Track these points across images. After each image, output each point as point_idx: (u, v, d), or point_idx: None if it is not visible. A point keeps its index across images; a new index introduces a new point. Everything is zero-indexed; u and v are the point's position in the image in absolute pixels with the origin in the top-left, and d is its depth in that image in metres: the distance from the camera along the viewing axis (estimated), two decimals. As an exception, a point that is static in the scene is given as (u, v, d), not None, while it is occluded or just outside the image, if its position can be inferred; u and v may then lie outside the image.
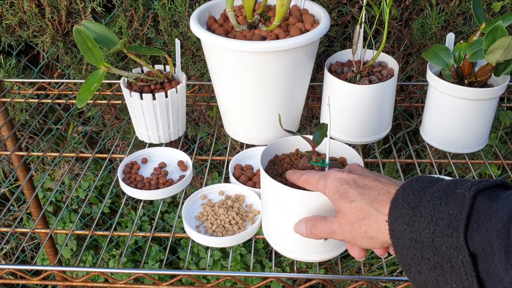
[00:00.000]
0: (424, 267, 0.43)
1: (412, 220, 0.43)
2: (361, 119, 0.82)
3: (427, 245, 0.42)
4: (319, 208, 0.57)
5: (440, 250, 0.41)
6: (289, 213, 0.59)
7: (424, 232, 0.42)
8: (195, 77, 1.17)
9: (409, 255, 0.44)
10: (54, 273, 0.70)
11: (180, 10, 1.06)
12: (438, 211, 0.41)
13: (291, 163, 0.66)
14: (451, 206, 0.41)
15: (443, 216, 0.41)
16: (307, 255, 0.63)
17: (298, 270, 1.59)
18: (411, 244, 0.43)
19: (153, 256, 1.58)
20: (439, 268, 0.41)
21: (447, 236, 0.40)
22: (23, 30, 1.11)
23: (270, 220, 0.64)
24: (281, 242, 0.64)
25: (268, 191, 0.61)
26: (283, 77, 0.77)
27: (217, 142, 1.37)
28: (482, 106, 0.78)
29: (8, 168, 1.50)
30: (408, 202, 0.44)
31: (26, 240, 1.39)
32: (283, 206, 0.59)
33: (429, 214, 0.42)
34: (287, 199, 0.58)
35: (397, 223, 0.44)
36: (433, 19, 1.03)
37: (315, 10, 0.84)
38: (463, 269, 0.40)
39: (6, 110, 1.05)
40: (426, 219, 0.42)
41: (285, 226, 0.61)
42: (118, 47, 0.77)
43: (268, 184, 0.60)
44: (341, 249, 0.65)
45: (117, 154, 0.92)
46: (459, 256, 0.40)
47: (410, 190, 0.45)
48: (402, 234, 0.44)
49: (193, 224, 0.71)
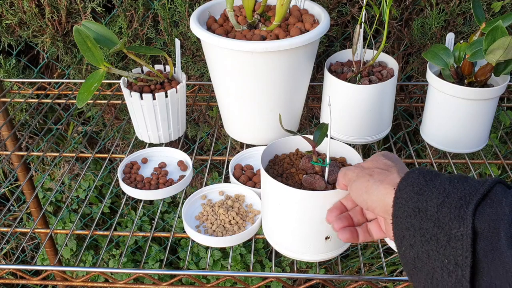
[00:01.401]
0: (418, 240, 0.43)
1: (423, 190, 0.43)
2: (361, 119, 0.82)
3: (430, 214, 0.42)
4: (320, 207, 0.57)
5: (442, 221, 0.41)
6: (289, 213, 0.59)
7: (431, 202, 0.42)
8: (195, 77, 1.17)
9: (405, 225, 0.44)
10: (54, 273, 0.70)
11: (180, 10, 1.06)
12: (453, 187, 0.42)
13: (291, 163, 0.66)
14: (469, 184, 0.41)
15: (457, 191, 0.41)
16: (307, 254, 0.63)
17: (298, 270, 1.59)
18: (413, 213, 0.43)
19: (153, 256, 1.58)
20: (434, 241, 0.41)
21: (455, 207, 0.40)
22: (23, 30, 1.11)
23: (271, 220, 0.64)
24: (281, 241, 0.64)
25: (268, 191, 0.61)
26: (283, 77, 0.77)
27: (217, 142, 1.37)
28: (482, 106, 0.78)
29: (8, 168, 1.50)
30: (424, 176, 0.45)
31: (26, 240, 1.39)
32: (283, 206, 0.60)
33: (443, 188, 0.42)
34: (288, 199, 0.58)
35: (405, 191, 0.44)
36: (433, 19, 1.03)
37: (315, 10, 0.84)
38: (460, 242, 0.39)
39: (6, 110, 1.05)
40: (438, 190, 0.42)
41: (285, 226, 0.61)
42: (118, 47, 0.77)
43: (268, 184, 0.60)
44: (341, 249, 0.65)
45: (117, 154, 0.92)
46: (461, 227, 0.39)
47: (428, 170, 0.46)
48: (407, 202, 0.44)
49: (193, 224, 0.71)
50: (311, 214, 0.58)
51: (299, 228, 0.61)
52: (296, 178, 0.62)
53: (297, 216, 0.59)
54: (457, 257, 0.39)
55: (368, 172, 0.51)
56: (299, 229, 0.61)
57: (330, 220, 0.55)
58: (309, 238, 0.61)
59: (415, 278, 0.44)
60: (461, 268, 0.39)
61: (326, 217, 0.56)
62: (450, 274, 0.40)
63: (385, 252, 1.50)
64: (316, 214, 0.58)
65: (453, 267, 0.40)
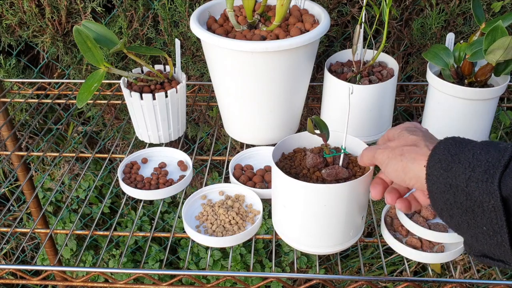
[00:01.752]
0: (455, 212, 0.45)
1: (450, 166, 0.45)
2: (361, 119, 0.82)
3: (460, 190, 0.44)
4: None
5: (473, 195, 0.43)
6: (297, 207, 0.61)
7: (459, 178, 0.44)
8: (195, 77, 1.17)
9: (441, 200, 0.46)
10: (54, 273, 0.70)
11: (180, 10, 1.06)
12: (477, 159, 0.43)
13: (303, 159, 0.66)
14: (491, 155, 0.43)
15: (481, 163, 0.43)
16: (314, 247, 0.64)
17: (298, 270, 1.59)
18: (446, 189, 0.45)
19: (153, 256, 1.58)
20: (470, 212, 0.44)
21: (481, 181, 0.42)
22: (23, 30, 1.11)
23: (299, 221, 0.64)
24: (293, 235, 0.65)
25: (278, 186, 0.62)
26: (283, 77, 0.77)
27: (217, 142, 1.37)
28: (482, 106, 0.78)
29: (8, 168, 1.50)
30: (449, 150, 0.46)
31: (26, 240, 1.39)
32: (292, 200, 0.61)
33: (468, 161, 0.44)
34: (296, 193, 0.60)
35: (435, 168, 0.46)
36: (433, 19, 1.03)
37: (315, 10, 0.84)
38: (494, 213, 0.42)
39: (6, 110, 1.05)
40: (464, 165, 0.44)
41: (295, 219, 0.63)
42: (118, 47, 0.77)
43: (280, 179, 0.61)
44: (355, 239, 0.66)
45: (117, 154, 0.92)
46: (491, 201, 0.41)
47: (453, 140, 0.47)
48: (438, 179, 0.46)
49: (193, 224, 0.71)
50: (320, 208, 0.60)
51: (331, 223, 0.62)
52: (314, 177, 0.63)
53: (306, 209, 0.60)
54: (494, 226, 0.42)
55: (399, 152, 0.52)
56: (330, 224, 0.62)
57: (376, 195, 0.58)
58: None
59: (464, 237, 0.47)
60: (500, 234, 0.42)
61: (371, 194, 0.59)
62: (492, 238, 0.43)
63: (385, 252, 1.50)
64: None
65: (492, 233, 0.43)
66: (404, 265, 0.70)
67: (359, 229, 0.66)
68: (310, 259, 1.60)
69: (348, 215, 0.61)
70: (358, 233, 0.66)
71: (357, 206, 0.62)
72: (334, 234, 0.63)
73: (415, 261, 0.97)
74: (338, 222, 0.61)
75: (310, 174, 0.63)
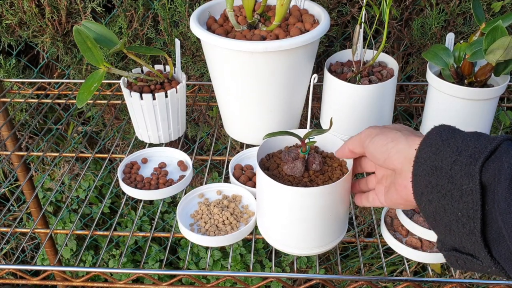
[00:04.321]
0: (435, 196, 0.46)
1: (439, 150, 0.46)
2: (361, 119, 0.82)
3: (444, 172, 0.44)
4: (318, 203, 0.58)
5: (455, 178, 0.43)
6: (282, 209, 0.60)
7: (446, 160, 0.45)
8: (195, 77, 1.17)
9: (424, 183, 0.47)
10: (54, 273, 0.70)
11: (180, 10, 1.06)
12: (466, 145, 0.44)
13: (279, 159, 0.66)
14: (480, 142, 0.44)
15: (468, 149, 0.44)
16: (303, 249, 0.64)
17: (298, 270, 1.59)
18: (430, 171, 0.46)
19: (153, 256, 1.58)
20: (449, 196, 0.44)
21: (465, 164, 0.43)
22: (23, 30, 1.11)
23: (266, 216, 0.64)
24: (278, 237, 0.64)
25: (263, 188, 0.62)
26: (283, 77, 0.77)
27: (217, 142, 1.37)
28: (482, 106, 0.78)
29: (8, 168, 1.50)
30: (441, 135, 0.47)
31: (26, 240, 1.39)
32: (277, 202, 0.61)
33: (456, 146, 0.45)
34: (281, 196, 0.59)
35: (424, 151, 0.47)
36: (433, 19, 1.03)
37: (315, 10, 0.84)
38: (470, 197, 0.42)
39: (6, 110, 1.05)
40: (452, 149, 0.45)
41: (280, 221, 0.62)
42: (118, 47, 0.77)
43: (263, 181, 0.61)
44: (336, 241, 0.65)
45: (117, 154, 0.92)
46: (470, 183, 0.42)
47: (447, 127, 0.48)
48: (426, 161, 0.46)
49: (187, 222, 0.71)
50: (307, 211, 0.60)
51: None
52: (281, 171, 0.64)
53: (291, 212, 0.60)
54: (469, 211, 0.42)
55: (396, 128, 0.53)
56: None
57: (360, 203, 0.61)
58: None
59: (437, 229, 0.48)
60: (473, 220, 0.42)
61: (356, 201, 0.61)
62: (464, 226, 0.43)
63: (385, 252, 1.50)
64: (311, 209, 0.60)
65: (466, 219, 0.43)
66: (404, 265, 0.70)
67: (342, 230, 0.66)
68: (310, 259, 1.60)
69: (325, 218, 0.61)
70: (340, 234, 0.66)
71: (335, 208, 0.60)
72: (311, 236, 0.62)
73: (415, 261, 0.97)
74: (315, 225, 0.61)
75: (279, 169, 0.64)
